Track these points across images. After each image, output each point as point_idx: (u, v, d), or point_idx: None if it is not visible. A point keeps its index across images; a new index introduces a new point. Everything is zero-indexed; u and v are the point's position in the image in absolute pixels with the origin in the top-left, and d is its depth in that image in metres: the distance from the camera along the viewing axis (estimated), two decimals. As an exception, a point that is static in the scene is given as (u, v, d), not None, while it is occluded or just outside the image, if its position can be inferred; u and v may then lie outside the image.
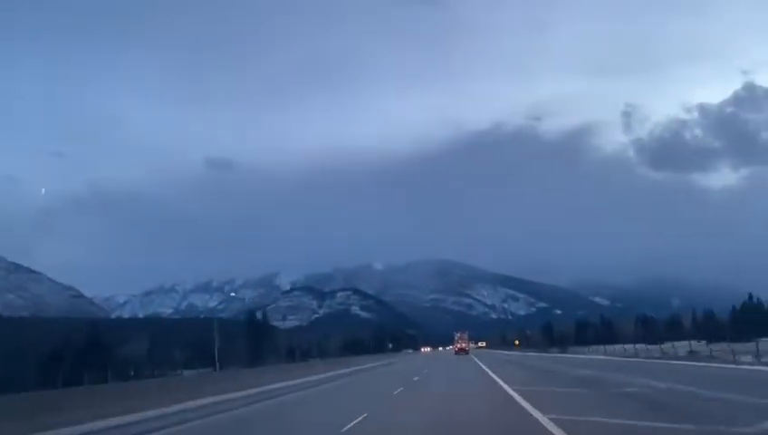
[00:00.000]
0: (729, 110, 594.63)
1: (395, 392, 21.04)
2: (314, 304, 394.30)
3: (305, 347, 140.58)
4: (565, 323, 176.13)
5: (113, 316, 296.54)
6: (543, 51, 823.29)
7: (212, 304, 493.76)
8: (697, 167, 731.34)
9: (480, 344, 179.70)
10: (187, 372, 70.77)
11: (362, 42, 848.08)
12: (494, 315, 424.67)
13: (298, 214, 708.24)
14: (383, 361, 67.60)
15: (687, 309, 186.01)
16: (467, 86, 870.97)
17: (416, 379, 29.75)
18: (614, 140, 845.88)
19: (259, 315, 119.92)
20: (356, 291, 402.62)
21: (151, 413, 17.42)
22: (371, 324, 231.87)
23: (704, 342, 77.14)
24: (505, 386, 20.53)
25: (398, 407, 16.30)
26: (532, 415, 12.25)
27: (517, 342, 72.67)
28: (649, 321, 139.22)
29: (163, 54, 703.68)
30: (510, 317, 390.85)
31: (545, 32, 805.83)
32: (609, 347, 58.64)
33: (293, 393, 24.58)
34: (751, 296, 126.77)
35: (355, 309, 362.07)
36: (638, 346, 61.05)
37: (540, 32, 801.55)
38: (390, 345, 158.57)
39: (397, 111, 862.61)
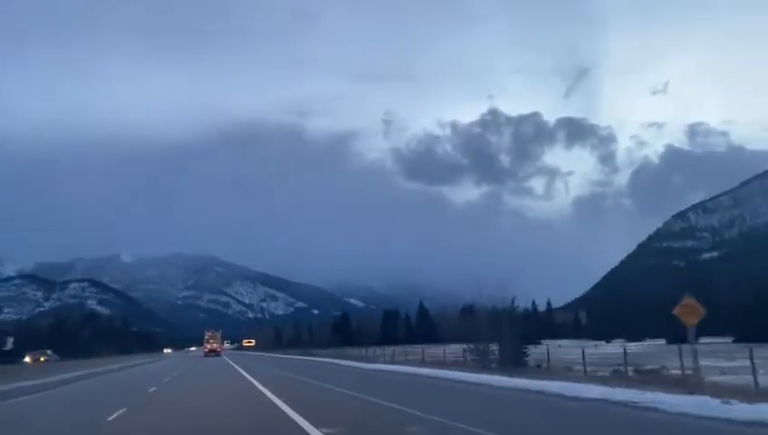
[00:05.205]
0: (476, 130, 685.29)
1: None
2: (39, 295, 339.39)
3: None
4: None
5: None
6: (313, 47, 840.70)
7: None
8: (446, 180, 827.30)
9: (247, 343, 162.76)
10: None
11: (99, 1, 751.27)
12: (251, 314, 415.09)
13: (32, 194, 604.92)
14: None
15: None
16: (230, 73, 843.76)
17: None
18: (374, 146, 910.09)
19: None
20: (95, 283, 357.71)
21: None
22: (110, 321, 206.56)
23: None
24: None
25: None
26: None
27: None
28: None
29: None
30: (268, 316, 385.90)
31: (315, 27, 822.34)
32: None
33: None
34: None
35: (91, 303, 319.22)
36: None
37: (309, 26, 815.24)
38: (10, 343, 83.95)
39: (149, 92, 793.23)
